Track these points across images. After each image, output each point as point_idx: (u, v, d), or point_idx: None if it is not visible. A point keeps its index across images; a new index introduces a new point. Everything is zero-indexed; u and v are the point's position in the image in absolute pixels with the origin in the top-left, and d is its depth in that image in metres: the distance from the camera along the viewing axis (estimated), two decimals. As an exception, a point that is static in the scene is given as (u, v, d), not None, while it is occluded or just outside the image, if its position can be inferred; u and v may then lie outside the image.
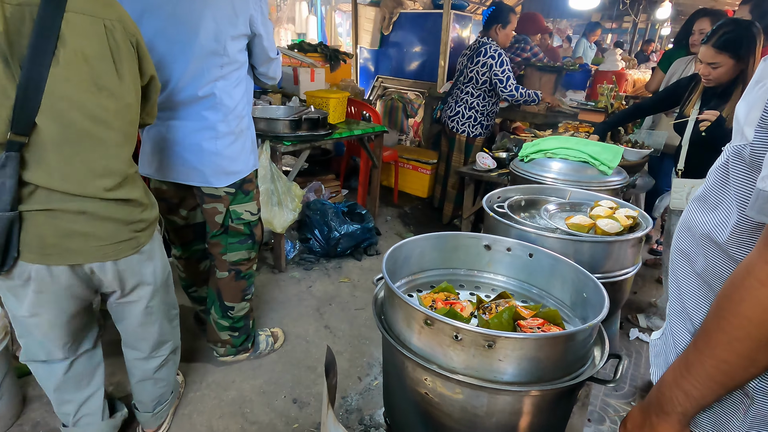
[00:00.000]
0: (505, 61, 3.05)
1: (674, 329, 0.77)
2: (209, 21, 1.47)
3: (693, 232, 0.68)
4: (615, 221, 1.26)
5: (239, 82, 1.62)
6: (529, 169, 1.83)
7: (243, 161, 1.69)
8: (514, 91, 3.05)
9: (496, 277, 1.23)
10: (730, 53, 1.80)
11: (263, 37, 1.63)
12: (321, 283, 2.64)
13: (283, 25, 8.70)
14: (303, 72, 3.44)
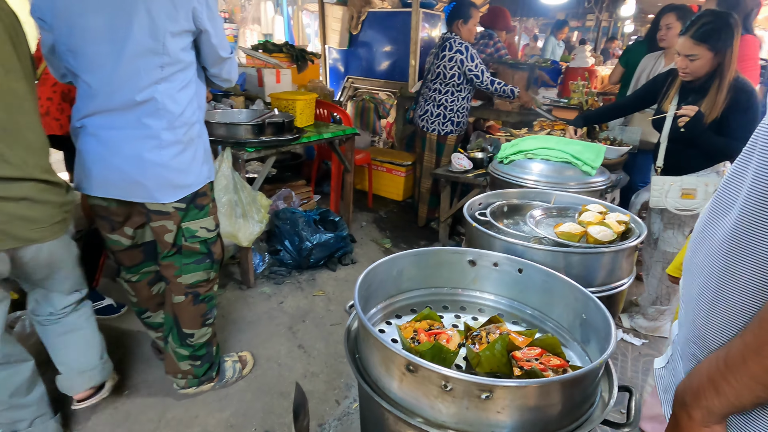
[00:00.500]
0: (474, 54, 3.01)
1: (685, 360, 0.66)
2: (143, 15, 1.30)
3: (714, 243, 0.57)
4: (607, 228, 1.16)
5: (186, 85, 1.44)
6: (509, 171, 1.73)
7: (194, 173, 1.51)
8: (490, 84, 3.02)
9: (483, 295, 1.11)
10: (709, 45, 1.75)
11: (210, 33, 1.45)
12: (293, 297, 2.47)
13: (248, 25, 8.42)
14: (268, 73, 3.26)
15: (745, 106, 1.79)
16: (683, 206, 1.94)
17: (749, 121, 1.80)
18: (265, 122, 2.16)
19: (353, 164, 3.10)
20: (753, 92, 1.81)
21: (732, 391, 0.50)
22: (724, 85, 1.80)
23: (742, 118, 1.80)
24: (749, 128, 1.83)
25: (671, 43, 2.96)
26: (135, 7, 1.29)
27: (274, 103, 2.73)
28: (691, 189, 1.92)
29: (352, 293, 2.64)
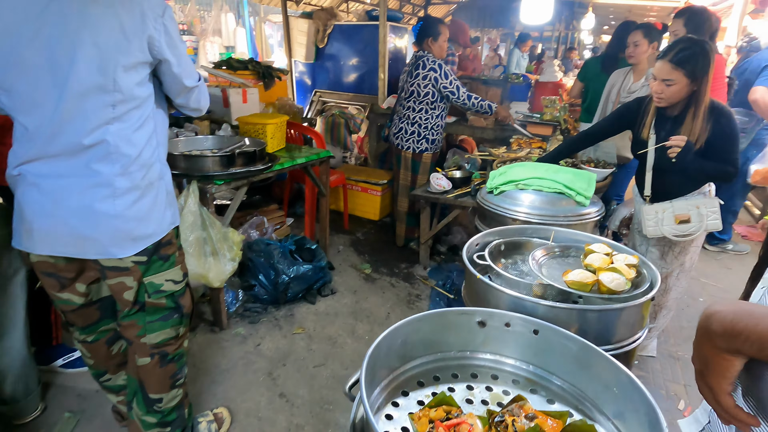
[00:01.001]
0: (448, 72, 2.98)
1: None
2: (89, 47, 1.13)
3: None
4: (619, 274, 1.09)
5: (143, 123, 1.27)
6: (500, 203, 1.65)
7: (156, 220, 1.33)
8: (467, 100, 2.99)
9: (495, 357, 1.01)
10: (686, 71, 1.74)
11: (172, 63, 1.30)
12: (271, 338, 2.30)
13: (208, 38, 8.10)
14: (233, 93, 3.08)
15: (727, 130, 1.79)
16: (681, 231, 1.91)
17: (733, 144, 1.81)
18: (235, 153, 1.99)
19: (328, 188, 2.96)
20: (731, 114, 1.82)
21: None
22: (699, 112, 1.79)
23: (726, 143, 1.80)
24: (734, 150, 1.84)
25: (639, 59, 3.02)
26: (79, 38, 1.12)
27: (243, 128, 2.56)
28: (685, 214, 1.90)
29: (333, 329, 2.51)
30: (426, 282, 2.98)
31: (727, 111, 1.82)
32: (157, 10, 1.23)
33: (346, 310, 2.59)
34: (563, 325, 1.01)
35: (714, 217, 1.86)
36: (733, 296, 3.00)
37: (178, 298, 1.45)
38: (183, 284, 1.47)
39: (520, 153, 2.65)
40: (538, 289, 1.20)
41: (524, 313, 1.03)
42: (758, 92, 3.06)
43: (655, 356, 2.36)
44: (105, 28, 1.14)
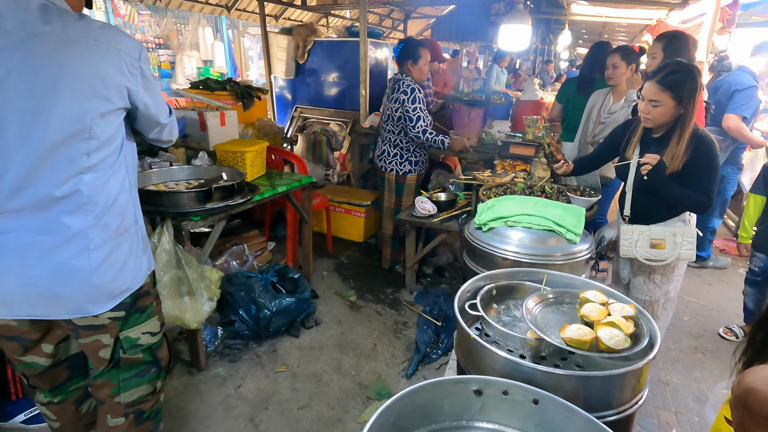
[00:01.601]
0: (418, 98, 2.91)
1: None
2: (67, 98, 1.05)
3: None
4: (618, 330, 1.04)
5: (117, 168, 1.19)
6: (489, 241, 1.60)
7: (133, 270, 1.24)
8: (420, 133, 2.92)
9: (493, 427, 0.95)
10: (672, 93, 1.74)
11: (149, 104, 1.24)
12: (252, 378, 2.19)
13: (186, 52, 7.94)
14: (211, 116, 2.97)
15: (706, 159, 1.79)
16: (653, 256, 1.92)
17: (711, 174, 1.82)
18: (212, 189, 1.90)
19: (311, 214, 2.88)
20: (713, 144, 1.83)
21: None
22: (684, 137, 1.80)
23: (705, 171, 1.81)
24: (712, 181, 1.84)
25: (618, 81, 3.06)
26: (54, 86, 1.04)
27: (221, 157, 2.46)
28: (660, 239, 1.90)
29: (318, 364, 2.41)
30: (412, 308, 2.92)
31: (710, 140, 1.82)
32: (133, 53, 1.16)
33: (332, 343, 2.50)
34: (563, 390, 0.96)
35: (689, 248, 1.86)
36: (716, 314, 3.03)
37: (155, 351, 1.36)
38: (160, 335, 1.38)
39: (505, 178, 2.63)
40: (533, 343, 1.15)
41: (521, 376, 0.97)
42: (731, 120, 3.16)
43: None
44: (82, 75, 1.07)
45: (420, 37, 9.84)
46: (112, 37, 1.12)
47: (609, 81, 3.11)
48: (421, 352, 2.43)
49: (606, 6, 5.22)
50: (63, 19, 1.07)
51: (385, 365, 2.37)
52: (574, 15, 6.05)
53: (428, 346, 2.48)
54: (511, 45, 3.20)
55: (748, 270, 2.67)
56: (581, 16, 6.07)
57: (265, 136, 3.74)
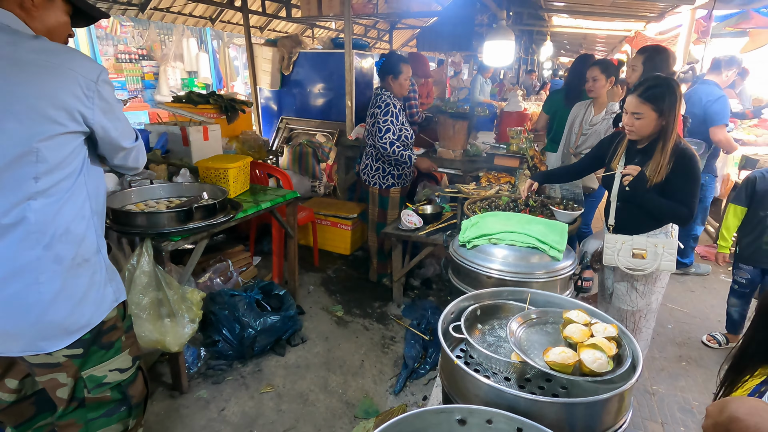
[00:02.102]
0: (390, 111, 2.91)
1: None
2: (11, 119, 1.02)
3: None
4: (601, 353, 1.04)
5: (73, 194, 1.13)
6: (473, 259, 1.60)
7: (93, 303, 1.18)
8: (387, 146, 2.91)
9: (476, 457, 0.93)
10: (653, 105, 1.79)
11: (108, 128, 1.19)
12: (237, 400, 2.14)
13: (170, 63, 7.88)
14: (194, 131, 2.93)
15: (688, 172, 1.83)
16: (634, 266, 1.95)
17: (693, 186, 1.85)
18: (193, 209, 1.86)
19: (296, 228, 2.85)
20: (694, 157, 1.86)
21: None
22: (667, 148, 1.84)
23: (686, 184, 1.84)
24: (693, 193, 1.87)
25: (599, 93, 3.12)
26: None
27: (203, 174, 2.43)
28: (642, 249, 1.94)
29: (305, 383, 2.37)
30: (400, 322, 2.90)
31: (692, 153, 1.86)
32: (90, 75, 1.12)
33: (318, 361, 2.47)
34: (546, 417, 0.95)
35: (669, 259, 1.89)
36: (699, 321, 3.07)
37: (126, 388, 1.29)
38: (132, 370, 1.31)
39: (490, 191, 2.64)
40: (517, 366, 1.14)
41: (505, 403, 0.96)
42: (720, 133, 3.25)
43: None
44: (29, 96, 1.03)
45: (407, 49, 9.94)
46: (67, 59, 1.08)
47: (590, 93, 3.17)
48: (409, 367, 2.41)
49: (585, 18, 5.34)
50: (14, 39, 1.04)
51: (373, 382, 2.34)
52: (556, 27, 6.17)
53: (416, 361, 2.46)
54: (495, 60, 3.24)
55: (733, 281, 2.70)
56: (562, 27, 6.19)
57: (249, 149, 3.71)
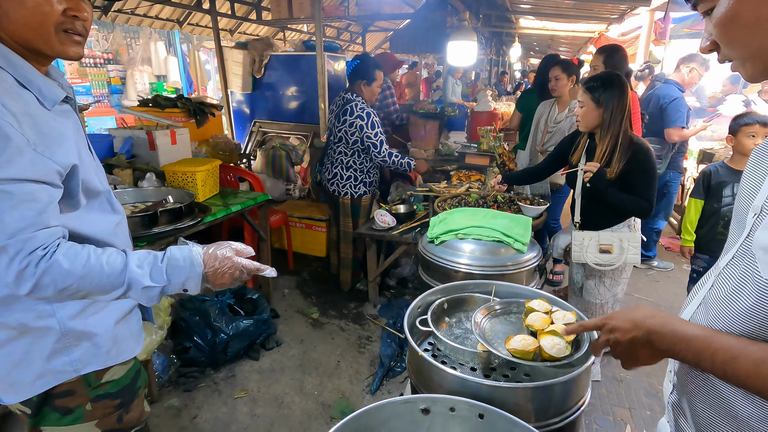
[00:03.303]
0: (376, 122, 2.85)
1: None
2: None
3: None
4: (559, 338, 1.08)
5: None
6: (441, 254, 1.62)
7: (33, 374, 1.01)
8: (387, 157, 2.88)
9: (441, 445, 0.95)
10: (591, 95, 1.94)
11: None
12: (209, 407, 2.10)
13: (137, 67, 7.67)
14: (160, 135, 2.87)
15: (643, 166, 1.91)
16: (601, 260, 2.02)
17: (649, 180, 1.93)
18: (158, 213, 1.83)
19: (269, 230, 2.83)
20: (649, 152, 1.95)
21: (690, 362, 0.68)
22: (606, 139, 1.94)
23: (643, 178, 1.92)
24: (651, 186, 1.96)
25: (561, 92, 3.22)
26: None
27: (170, 177, 2.38)
28: (608, 244, 2.01)
29: (279, 387, 2.35)
30: (376, 322, 2.91)
31: (646, 148, 1.94)
32: None
33: (293, 364, 2.45)
34: (509, 402, 0.98)
35: (634, 252, 1.97)
36: (664, 310, 3.18)
37: None
38: None
39: (460, 189, 2.69)
40: (482, 356, 1.16)
41: (468, 392, 0.98)
42: (674, 134, 3.40)
43: (600, 380, 2.43)
44: None
45: (378, 51, 9.98)
46: None
47: (553, 93, 3.26)
48: (386, 366, 2.42)
49: (550, 20, 5.49)
50: None
51: (349, 382, 2.34)
52: (523, 29, 6.32)
53: (392, 359, 2.47)
54: (459, 60, 3.31)
55: (692, 270, 2.82)
56: (529, 29, 6.35)
57: (220, 153, 3.66)
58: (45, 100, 0.93)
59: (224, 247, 1.02)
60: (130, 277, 0.93)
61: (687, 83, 3.57)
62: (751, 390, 0.61)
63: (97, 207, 1.05)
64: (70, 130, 0.97)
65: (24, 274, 0.85)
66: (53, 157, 0.89)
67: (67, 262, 0.88)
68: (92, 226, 1.03)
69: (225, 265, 1.00)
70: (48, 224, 0.88)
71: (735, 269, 0.69)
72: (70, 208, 0.99)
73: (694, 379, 0.74)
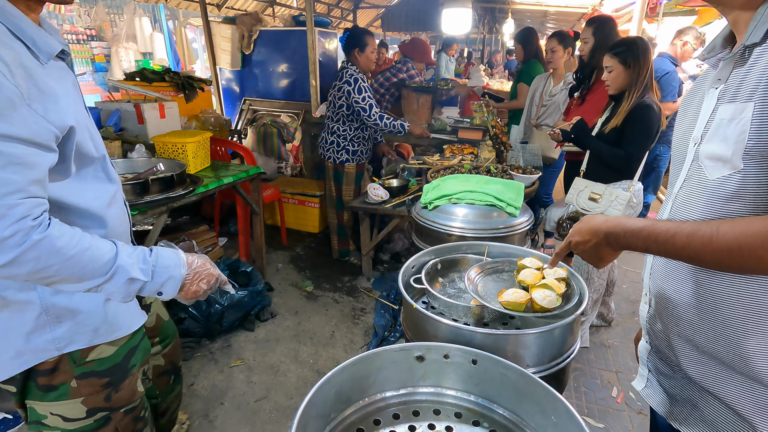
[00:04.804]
0: (363, 87, 2.89)
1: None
2: None
3: None
4: (551, 291, 1.10)
5: None
6: (434, 219, 1.64)
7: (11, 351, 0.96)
8: (378, 120, 2.91)
9: (436, 390, 0.97)
10: (620, 58, 2.04)
11: None
12: (206, 374, 2.13)
13: (122, 44, 7.47)
14: (149, 108, 2.82)
15: (637, 119, 1.97)
16: (588, 207, 2.13)
17: (637, 132, 2.01)
18: (149, 180, 1.81)
19: (261, 206, 2.82)
20: (650, 109, 2.00)
21: (644, 250, 0.78)
22: (634, 94, 2.03)
23: (633, 128, 2.00)
24: (636, 137, 2.02)
25: (557, 64, 3.20)
26: None
27: (160, 149, 2.35)
28: (598, 194, 2.09)
29: (275, 356, 2.38)
30: (370, 294, 2.94)
31: (648, 105, 2.02)
32: None
33: (288, 334, 2.48)
34: (501, 350, 1.00)
35: (618, 208, 2.05)
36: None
37: None
38: (86, 424, 1.07)
39: (453, 161, 2.69)
40: (475, 311, 1.19)
41: (462, 340, 1.01)
42: (665, 109, 3.40)
43: (588, 346, 2.49)
44: None
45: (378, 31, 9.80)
46: None
47: (549, 65, 3.24)
48: (379, 336, 2.45)
49: (544, -6, 5.42)
50: None
51: (344, 351, 2.38)
52: (516, 4, 6.24)
53: (386, 329, 2.51)
54: (453, 28, 3.26)
55: None
56: (522, 5, 6.27)
57: (210, 128, 3.60)
58: (40, 53, 0.84)
59: (202, 257, 1.06)
60: (120, 264, 0.89)
61: (680, 56, 3.57)
62: (687, 260, 0.72)
63: (91, 175, 0.98)
64: (68, 88, 0.90)
65: (6, 243, 0.76)
66: (48, 116, 0.81)
67: (61, 241, 0.82)
68: (83, 197, 0.95)
69: (204, 271, 1.03)
70: (36, 194, 0.81)
71: (687, 188, 0.80)
72: (59, 175, 0.90)
73: (662, 297, 0.86)
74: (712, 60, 0.80)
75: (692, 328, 0.79)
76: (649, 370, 0.94)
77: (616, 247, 0.83)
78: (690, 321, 0.79)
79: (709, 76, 0.82)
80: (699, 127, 0.79)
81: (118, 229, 1.05)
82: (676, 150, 0.88)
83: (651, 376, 0.94)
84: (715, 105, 0.76)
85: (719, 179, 0.71)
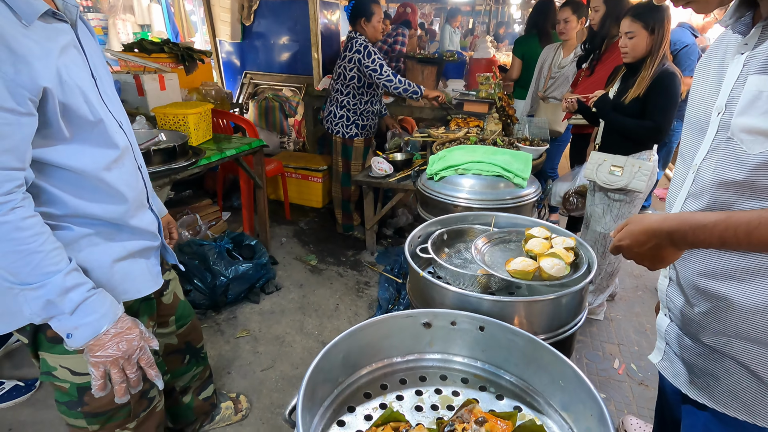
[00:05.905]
0: (373, 52, 2.83)
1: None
2: None
3: None
4: (559, 259, 1.09)
5: None
6: (440, 189, 1.61)
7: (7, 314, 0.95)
8: (392, 77, 2.81)
9: (443, 357, 0.97)
10: (643, 23, 1.90)
11: None
12: (212, 344, 2.15)
13: (119, 15, 7.29)
14: (149, 79, 2.77)
15: (662, 88, 1.91)
16: (609, 181, 2.05)
17: (663, 101, 1.93)
18: (151, 151, 1.78)
19: (264, 179, 2.79)
20: (674, 76, 1.93)
21: (707, 245, 0.75)
22: (655, 61, 1.93)
23: (658, 98, 1.92)
24: (663, 108, 1.94)
25: (570, 35, 3.10)
26: None
27: (161, 120, 2.31)
28: (619, 166, 2.03)
29: (280, 327, 2.39)
30: (374, 268, 2.95)
31: (672, 72, 1.94)
32: None
33: (293, 306, 2.50)
34: (508, 317, 1.00)
35: (641, 179, 1.99)
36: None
37: (82, 394, 1.09)
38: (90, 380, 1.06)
39: (459, 133, 2.64)
40: (482, 280, 1.18)
41: (470, 308, 1.00)
42: (688, 84, 3.29)
43: (601, 319, 2.49)
44: None
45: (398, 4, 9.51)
46: None
47: (561, 36, 3.14)
48: (383, 308, 2.47)
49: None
50: None
51: (348, 323, 2.40)
52: (525, -28, 6.00)
53: (390, 302, 2.52)
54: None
55: None
56: (532, -27, 6.04)
57: (211, 101, 3.55)
58: (21, 13, 0.81)
59: (135, 330, 0.97)
60: (56, 282, 0.85)
61: (702, 27, 3.43)
62: None
63: (92, 139, 0.96)
64: (50, 49, 0.86)
65: None
66: (19, 78, 0.78)
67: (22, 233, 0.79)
68: (80, 159, 0.94)
69: (131, 334, 0.95)
70: (7, 165, 0.78)
71: (714, 160, 0.75)
72: (53, 139, 0.89)
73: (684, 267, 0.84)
74: (739, 26, 0.75)
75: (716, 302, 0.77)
76: (667, 342, 0.93)
77: (683, 245, 0.76)
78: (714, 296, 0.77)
79: (728, 39, 0.78)
80: (723, 95, 0.74)
81: (128, 194, 1.04)
82: (693, 118, 0.83)
83: (668, 349, 0.93)
84: (740, 72, 0.71)
85: (761, 153, 0.67)
